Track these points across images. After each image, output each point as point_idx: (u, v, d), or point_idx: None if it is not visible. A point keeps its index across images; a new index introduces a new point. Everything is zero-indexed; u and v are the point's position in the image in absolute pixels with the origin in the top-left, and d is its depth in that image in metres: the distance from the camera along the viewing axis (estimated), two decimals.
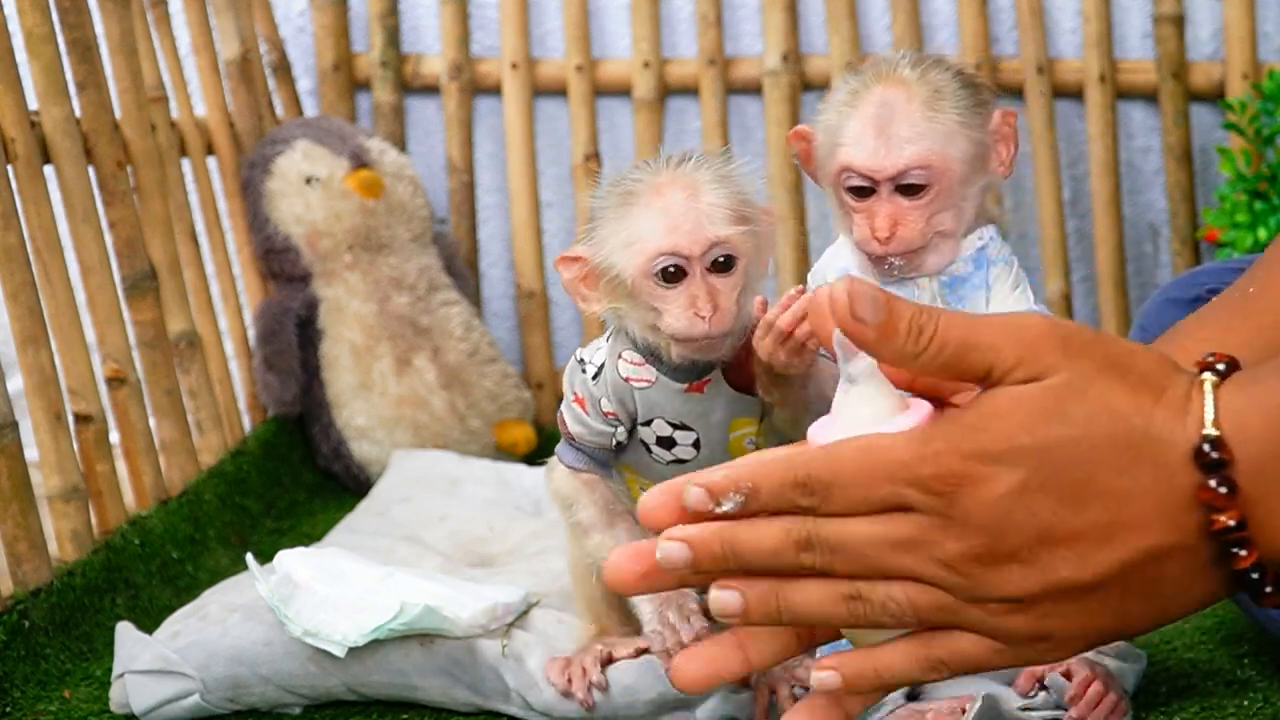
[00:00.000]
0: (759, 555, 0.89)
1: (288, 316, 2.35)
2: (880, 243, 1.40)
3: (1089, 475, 0.87)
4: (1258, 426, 0.87)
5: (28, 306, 1.80)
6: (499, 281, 2.67)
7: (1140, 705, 1.46)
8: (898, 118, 1.40)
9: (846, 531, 0.88)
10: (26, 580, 1.73)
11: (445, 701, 1.55)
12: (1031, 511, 0.87)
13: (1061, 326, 0.89)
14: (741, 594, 0.90)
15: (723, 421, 1.43)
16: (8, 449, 1.72)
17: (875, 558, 0.89)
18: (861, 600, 0.89)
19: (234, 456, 2.18)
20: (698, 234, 1.36)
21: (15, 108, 1.83)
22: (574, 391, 1.46)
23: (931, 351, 0.88)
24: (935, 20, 2.55)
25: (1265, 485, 0.87)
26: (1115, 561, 0.88)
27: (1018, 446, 0.87)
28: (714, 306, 1.36)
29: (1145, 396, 0.87)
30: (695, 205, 1.37)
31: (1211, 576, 0.89)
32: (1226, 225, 2.28)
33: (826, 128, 1.44)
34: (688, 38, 2.59)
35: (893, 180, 1.40)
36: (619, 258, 1.37)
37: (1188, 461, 0.87)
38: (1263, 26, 2.47)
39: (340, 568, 1.60)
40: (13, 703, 1.62)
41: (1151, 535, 0.88)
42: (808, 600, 0.90)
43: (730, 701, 1.48)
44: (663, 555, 0.89)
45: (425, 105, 2.64)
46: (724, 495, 0.89)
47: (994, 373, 0.88)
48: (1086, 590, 0.88)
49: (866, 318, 0.88)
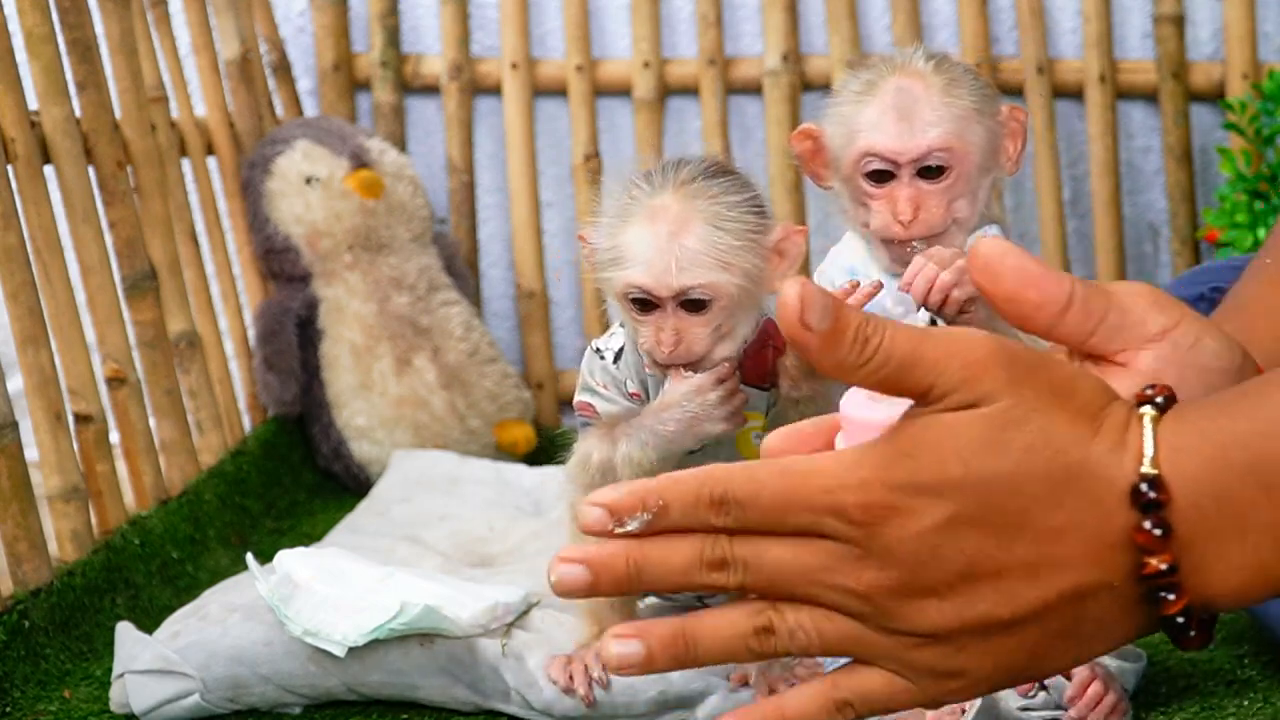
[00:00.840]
0: (668, 575, 0.85)
1: (288, 316, 2.35)
2: (903, 226, 1.40)
3: (1021, 510, 0.83)
4: (1195, 468, 0.83)
5: (28, 306, 1.80)
6: (499, 281, 2.67)
7: (1140, 705, 1.46)
8: (918, 102, 1.41)
9: (761, 551, 0.85)
10: (26, 580, 1.73)
11: (445, 701, 1.55)
12: (958, 547, 0.83)
13: (1007, 350, 0.85)
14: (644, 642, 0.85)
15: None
16: (8, 449, 1.72)
17: (786, 582, 0.85)
18: (771, 633, 0.86)
19: (234, 456, 2.18)
20: (666, 279, 1.37)
21: (15, 108, 1.83)
22: (596, 380, 1.48)
23: (875, 364, 0.84)
24: (935, 20, 2.55)
25: (1201, 529, 0.83)
26: (1038, 600, 0.84)
27: (949, 478, 0.83)
28: (676, 343, 1.38)
29: (1084, 428, 0.84)
30: (674, 246, 1.37)
31: (1134, 616, 0.85)
32: (1226, 225, 2.28)
33: (841, 118, 1.44)
34: (688, 38, 2.59)
35: (915, 163, 1.41)
36: (607, 270, 1.41)
37: (1124, 500, 0.83)
38: (1263, 26, 2.47)
39: (340, 568, 1.60)
40: (13, 703, 1.62)
41: (1078, 574, 0.84)
42: (717, 637, 0.86)
43: (730, 701, 1.48)
44: (556, 579, 0.84)
45: (425, 105, 2.64)
46: (630, 513, 0.84)
47: (933, 392, 0.84)
48: (1005, 627, 0.85)
49: (812, 324, 0.83)
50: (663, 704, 1.49)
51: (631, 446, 1.41)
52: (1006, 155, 1.46)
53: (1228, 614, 1.65)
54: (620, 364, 1.47)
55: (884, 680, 0.87)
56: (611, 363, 1.47)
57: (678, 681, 1.49)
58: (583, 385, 1.50)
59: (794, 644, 0.85)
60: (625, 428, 1.42)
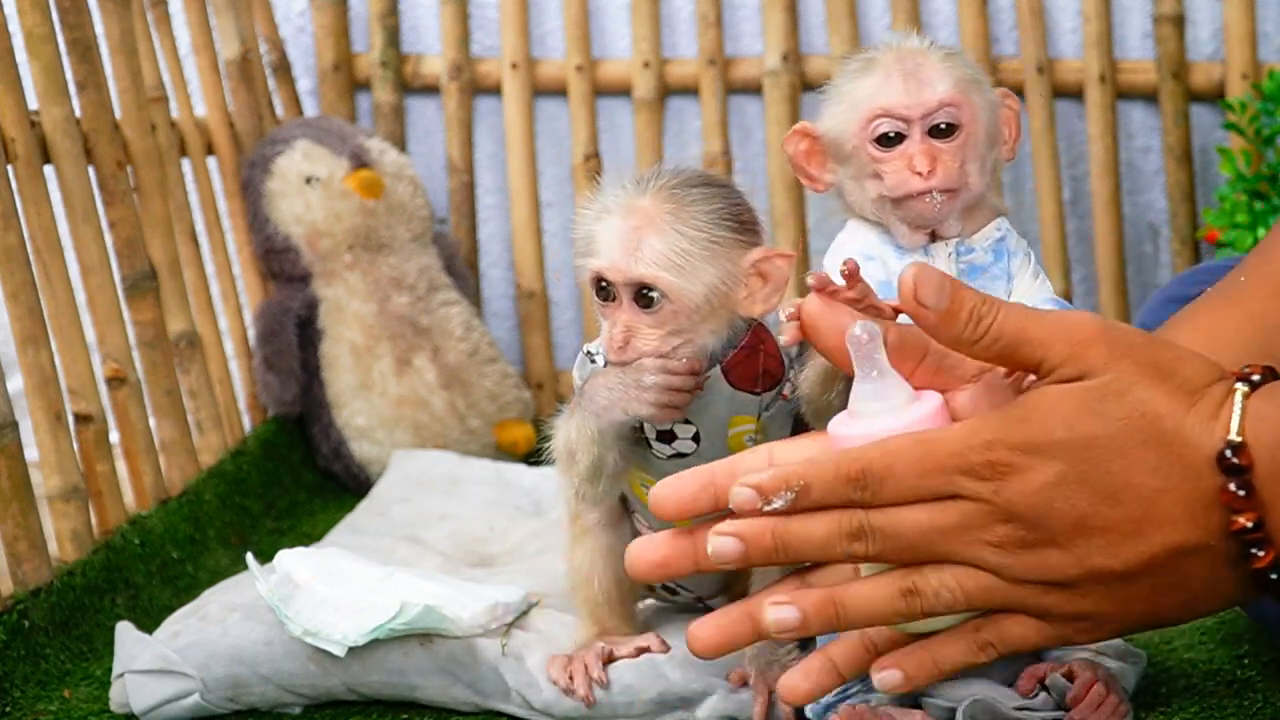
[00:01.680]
0: (810, 547, 0.95)
1: (288, 316, 2.35)
2: (921, 177, 1.39)
3: (1122, 472, 0.93)
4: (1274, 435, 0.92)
5: (28, 306, 1.80)
6: (499, 281, 2.67)
7: (1140, 705, 1.46)
8: (922, 64, 1.42)
9: (898, 519, 0.94)
10: (26, 580, 1.73)
11: (445, 701, 1.55)
12: (1069, 503, 0.93)
13: (1111, 330, 0.95)
14: (799, 608, 0.96)
15: (722, 417, 1.44)
16: (8, 449, 1.72)
17: (927, 544, 0.95)
18: (917, 594, 0.95)
19: (234, 456, 2.18)
20: (621, 265, 1.39)
21: (15, 108, 1.83)
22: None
23: (987, 341, 0.95)
24: (935, 20, 2.56)
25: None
26: (1144, 554, 0.94)
27: (1057, 440, 0.93)
28: (626, 339, 1.39)
29: (1181, 401, 0.93)
30: (635, 237, 1.39)
31: (1234, 576, 0.95)
32: (1226, 225, 2.28)
33: (842, 95, 1.43)
34: (688, 38, 2.59)
35: (925, 120, 1.40)
36: (581, 261, 1.43)
37: (1211, 464, 0.93)
38: (1263, 26, 2.47)
39: (340, 568, 1.60)
40: (13, 703, 1.62)
41: (1177, 533, 0.94)
42: (867, 600, 0.96)
43: (730, 701, 1.48)
44: (714, 550, 0.95)
45: (425, 105, 2.64)
46: (774, 494, 0.94)
47: (1043, 367, 0.95)
48: (1119, 578, 0.94)
49: (929, 302, 0.95)
50: (663, 704, 1.49)
51: (577, 419, 1.42)
52: (1004, 138, 1.46)
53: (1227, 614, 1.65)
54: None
55: (1022, 622, 0.97)
56: (603, 364, 1.47)
57: (678, 682, 1.49)
58: (577, 387, 1.50)
59: (939, 602, 0.96)
60: (575, 401, 1.44)
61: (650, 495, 1.05)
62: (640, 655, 1.51)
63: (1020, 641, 0.98)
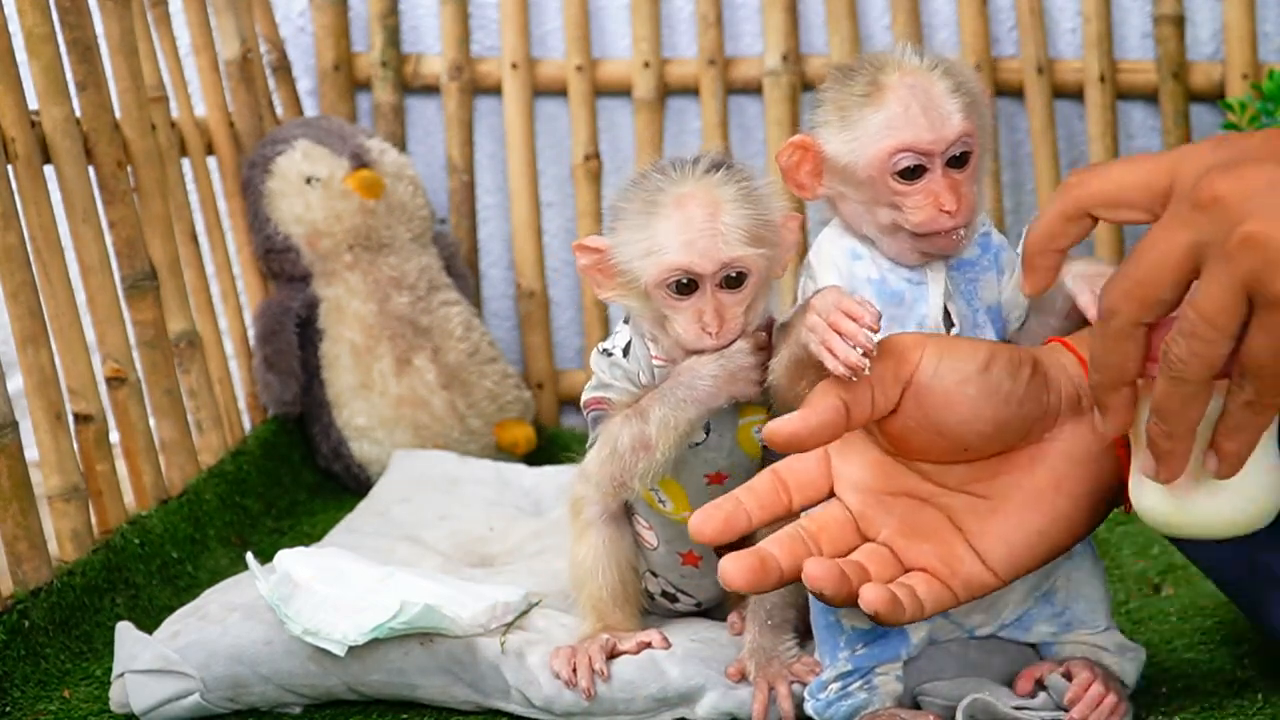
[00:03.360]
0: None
1: (288, 316, 2.35)
2: (950, 215, 1.40)
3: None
4: None
5: (28, 306, 1.80)
6: (499, 281, 2.67)
7: (1140, 705, 1.46)
8: (935, 95, 1.42)
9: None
10: (26, 580, 1.73)
11: (445, 700, 1.55)
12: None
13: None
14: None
15: (732, 406, 1.47)
16: (8, 449, 1.72)
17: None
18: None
19: (234, 456, 2.18)
20: (712, 254, 1.41)
21: (15, 108, 1.83)
22: (608, 376, 1.50)
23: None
24: (935, 20, 2.56)
25: None
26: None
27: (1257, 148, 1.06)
28: (720, 322, 1.42)
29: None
30: (714, 224, 1.41)
31: None
32: None
33: (852, 123, 1.42)
34: (688, 38, 2.59)
35: (945, 153, 1.41)
36: (637, 264, 1.43)
37: None
38: (1263, 26, 2.47)
39: (340, 567, 1.60)
40: (13, 703, 1.62)
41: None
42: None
43: (729, 698, 1.48)
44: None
45: (425, 105, 2.64)
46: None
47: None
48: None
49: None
50: (662, 700, 1.49)
51: (666, 409, 1.42)
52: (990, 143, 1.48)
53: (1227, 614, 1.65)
54: (630, 358, 1.49)
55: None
56: (621, 357, 1.49)
57: (678, 678, 1.49)
58: (593, 384, 1.51)
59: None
60: (651, 398, 1.44)
61: (691, 526, 1.26)
62: (642, 651, 1.51)
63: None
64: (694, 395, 1.42)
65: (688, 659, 1.50)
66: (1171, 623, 1.67)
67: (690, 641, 1.54)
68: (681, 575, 1.58)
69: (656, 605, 1.62)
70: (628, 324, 1.51)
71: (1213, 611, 1.67)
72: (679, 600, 1.60)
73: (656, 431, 1.43)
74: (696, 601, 1.61)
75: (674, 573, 1.58)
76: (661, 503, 1.53)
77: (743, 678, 1.49)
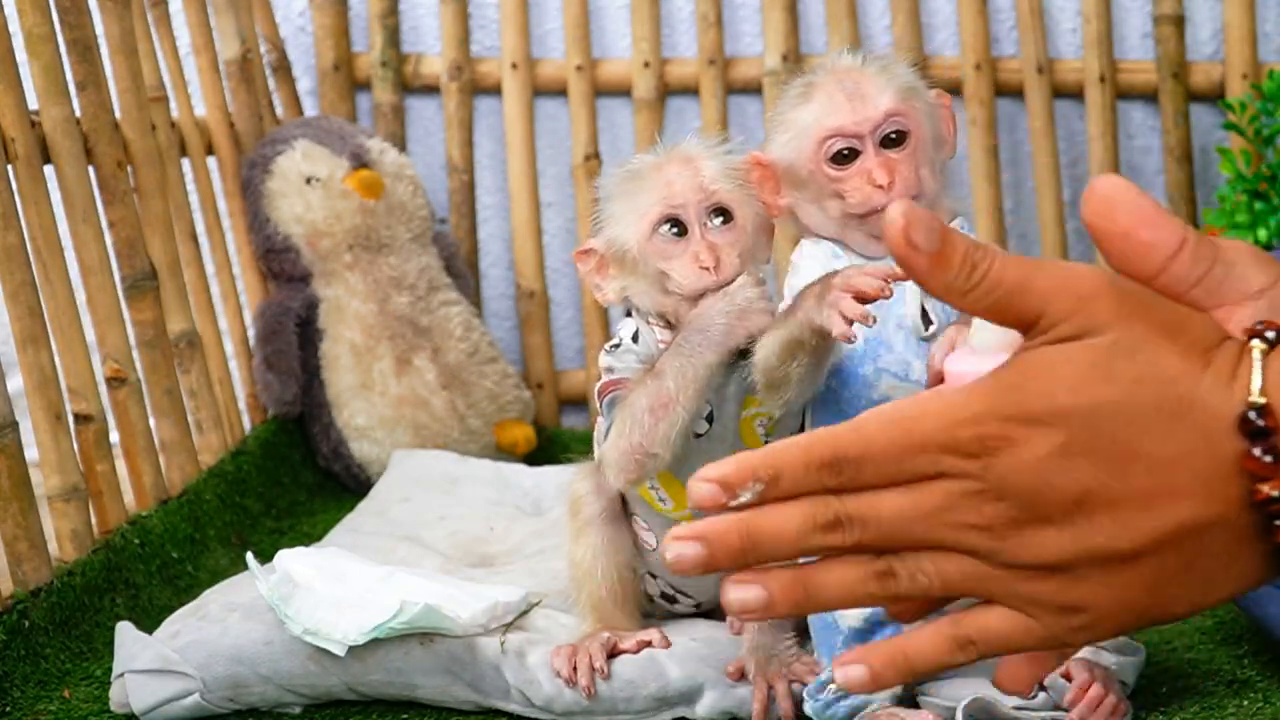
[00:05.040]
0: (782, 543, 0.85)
1: (288, 316, 2.35)
2: (884, 190, 1.42)
3: (1132, 439, 0.84)
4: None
5: (28, 306, 1.80)
6: (499, 281, 2.67)
7: (1140, 705, 1.46)
8: (861, 81, 1.46)
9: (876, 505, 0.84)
10: (26, 580, 1.73)
11: (445, 700, 1.55)
12: (1071, 476, 0.83)
13: (1119, 284, 0.85)
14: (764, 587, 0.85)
15: (736, 397, 1.47)
16: (8, 449, 1.72)
17: (907, 530, 0.85)
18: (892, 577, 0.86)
19: (234, 456, 2.18)
20: (693, 190, 1.46)
21: (15, 108, 1.83)
22: (619, 361, 1.50)
23: (983, 289, 0.85)
24: (935, 20, 2.56)
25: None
26: (1154, 530, 0.84)
27: (1059, 407, 0.83)
28: (715, 257, 1.44)
29: (1194, 361, 0.84)
30: (692, 168, 1.47)
31: (1252, 553, 0.85)
32: (1226, 225, 2.28)
33: (789, 123, 1.48)
34: (688, 38, 2.59)
35: (875, 133, 1.44)
36: (625, 231, 1.47)
37: (1232, 429, 0.83)
38: (1263, 26, 2.48)
39: (340, 567, 1.61)
40: (13, 703, 1.62)
41: (1192, 506, 0.84)
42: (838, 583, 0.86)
43: (729, 697, 1.49)
44: (674, 557, 0.84)
45: (425, 105, 2.64)
46: (741, 485, 0.84)
47: (1043, 321, 0.84)
48: (1123, 560, 0.85)
49: (920, 244, 0.84)
50: (663, 700, 1.49)
51: (682, 358, 1.41)
52: (945, 137, 1.49)
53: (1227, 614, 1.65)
54: (640, 343, 1.50)
55: (1006, 617, 0.86)
56: (631, 343, 1.50)
57: (678, 678, 1.49)
58: (604, 370, 1.52)
59: (915, 586, 0.85)
60: (665, 356, 1.43)
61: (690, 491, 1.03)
62: (642, 650, 1.51)
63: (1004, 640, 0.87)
64: (708, 339, 1.41)
65: (688, 658, 1.50)
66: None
67: (690, 641, 1.54)
68: (681, 576, 1.58)
69: (656, 606, 1.62)
70: (630, 317, 1.52)
71: (1212, 611, 1.67)
72: (678, 601, 1.61)
73: (676, 384, 1.40)
74: (696, 602, 1.61)
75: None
76: (661, 501, 1.53)
77: (742, 677, 1.49)
